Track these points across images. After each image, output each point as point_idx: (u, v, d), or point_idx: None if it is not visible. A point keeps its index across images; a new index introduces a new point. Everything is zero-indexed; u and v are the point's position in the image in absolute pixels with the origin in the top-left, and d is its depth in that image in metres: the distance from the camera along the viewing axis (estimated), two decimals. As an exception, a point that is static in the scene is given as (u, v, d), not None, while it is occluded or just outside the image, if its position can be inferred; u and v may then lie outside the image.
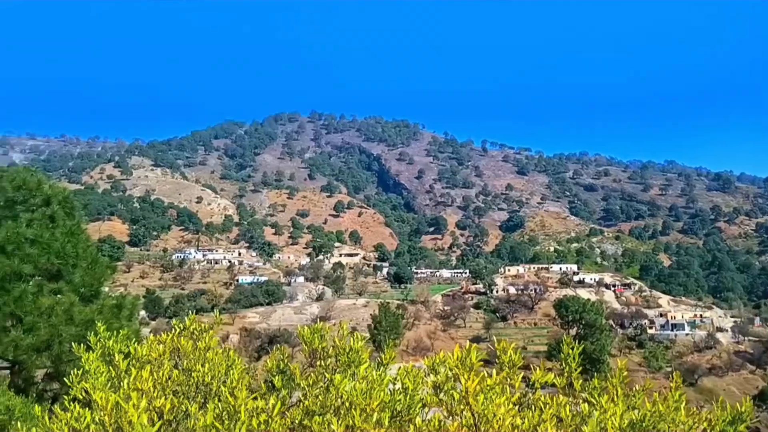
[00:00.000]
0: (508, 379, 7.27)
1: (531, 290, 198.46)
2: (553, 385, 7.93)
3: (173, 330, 8.56)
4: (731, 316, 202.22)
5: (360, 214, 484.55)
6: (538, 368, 8.25)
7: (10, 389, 17.73)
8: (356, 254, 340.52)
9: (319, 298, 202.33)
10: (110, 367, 6.98)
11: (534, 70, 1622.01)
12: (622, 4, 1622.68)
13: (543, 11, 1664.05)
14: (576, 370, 7.83)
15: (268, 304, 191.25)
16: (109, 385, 6.72)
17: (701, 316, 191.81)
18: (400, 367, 7.90)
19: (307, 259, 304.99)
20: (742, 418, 6.74)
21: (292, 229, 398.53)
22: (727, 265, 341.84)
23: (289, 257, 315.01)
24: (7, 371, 21.03)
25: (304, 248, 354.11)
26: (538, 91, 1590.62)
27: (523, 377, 8.07)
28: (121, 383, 6.66)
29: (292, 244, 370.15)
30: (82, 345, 7.86)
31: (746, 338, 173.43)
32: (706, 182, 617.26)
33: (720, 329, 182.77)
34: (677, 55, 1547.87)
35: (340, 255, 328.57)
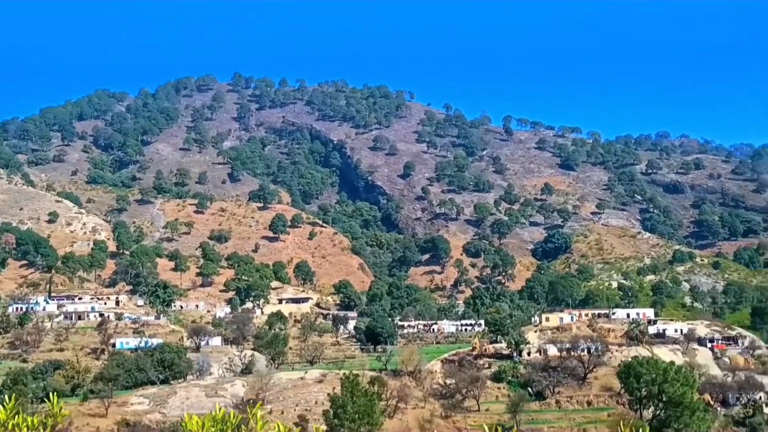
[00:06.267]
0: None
1: (582, 350, 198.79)
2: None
3: None
4: None
5: (312, 236, 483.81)
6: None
7: None
8: (306, 299, 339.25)
9: (247, 370, 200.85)
10: None
11: (577, 15, 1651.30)
12: None
13: None
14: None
15: (163, 382, 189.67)
16: None
17: None
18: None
19: (227, 309, 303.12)
20: None
21: (202, 261, 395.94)
22: None
23: (197, 306, 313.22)
24: None
25: (221, 291, 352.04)
26: (586, 47, 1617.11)
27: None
28: None
29: (202, 286, 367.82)
30: None
31: None
32: None
33: None
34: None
35: (280, 301, 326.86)
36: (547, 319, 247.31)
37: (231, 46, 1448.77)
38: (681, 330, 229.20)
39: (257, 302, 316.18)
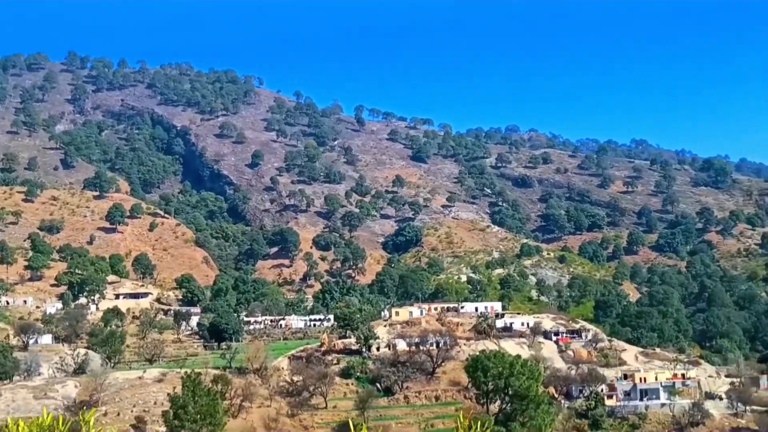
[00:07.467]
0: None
1: (431, 344, 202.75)
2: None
3: None
4: (727, 376, 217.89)
5: (152, 227, 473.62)
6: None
7: None
8: (145, 294, 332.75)
9: (80, 370, 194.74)
10: None
11: (425, 6, 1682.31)
12: None
13: None
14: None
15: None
16: None
17: (684, 376, 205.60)
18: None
19: (59, 305, 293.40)
20: None
21: (31, 253, 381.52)
22: (720, 298, 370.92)
23: (25, 302, 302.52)
24: None
25: (53, 286, 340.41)
26: (438, 37, 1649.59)
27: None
28: None
29: (31, 280, 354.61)
30: None
31: (748, 408, 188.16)
32: (690, 173, 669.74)
33: (711, 396, 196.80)
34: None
35: (118, 296, 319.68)
36: (397, 314, 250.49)
37: (65, 22, 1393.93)
38: (527, 323, 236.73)
39: (92, 297, 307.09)
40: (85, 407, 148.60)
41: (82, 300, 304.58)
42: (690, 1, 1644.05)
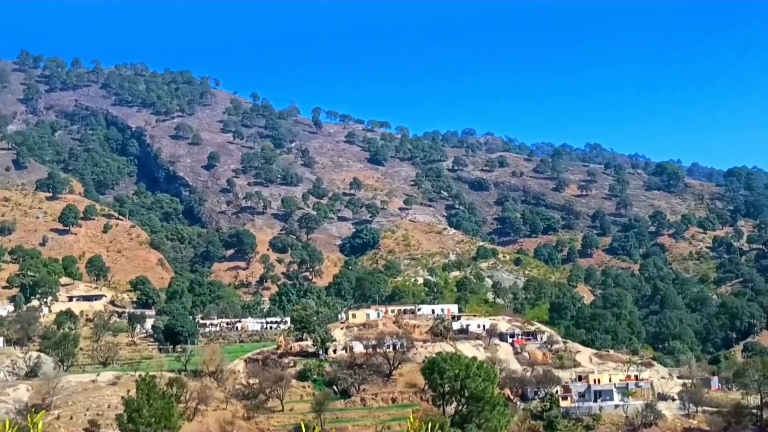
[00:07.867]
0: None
1: (388, 347, 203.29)
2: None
3: None
4: (679, 377, 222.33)
5: (106, 229, 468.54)
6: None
7: None
8: (99, 297, 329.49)
9: (32, 373, 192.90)
10: None
11: (381, 10, 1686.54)
12: None
13: None
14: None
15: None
16: None
17: (637, 377, 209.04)
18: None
19: (10, 308, 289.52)
20: None
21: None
22: (672, 300, 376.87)
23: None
24: None
25: (4, 288, 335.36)
26: (394, 41, 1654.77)
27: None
28: None
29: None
30: None
31: (700, 409, 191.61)
32: (644, 177, 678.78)
33: (663, 397, 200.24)
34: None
35: (71, 298, 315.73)
36: (354, 316, 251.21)
37: (17, 21, 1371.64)
38: (483, 325, 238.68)
39: (44, 300, 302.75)
40: (34, 410, 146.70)
41: (35, 302, 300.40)
42: (645, 5, 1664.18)
